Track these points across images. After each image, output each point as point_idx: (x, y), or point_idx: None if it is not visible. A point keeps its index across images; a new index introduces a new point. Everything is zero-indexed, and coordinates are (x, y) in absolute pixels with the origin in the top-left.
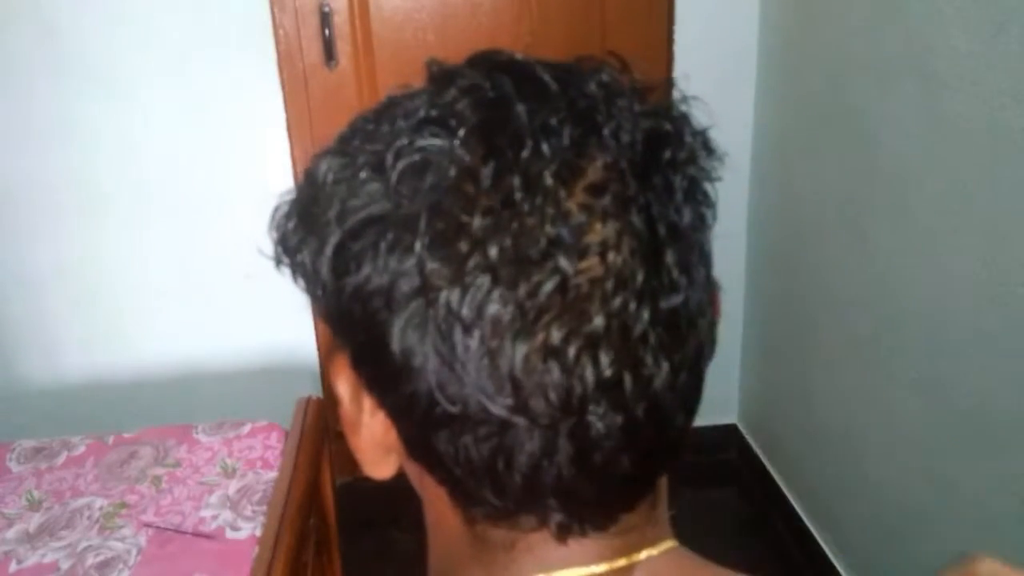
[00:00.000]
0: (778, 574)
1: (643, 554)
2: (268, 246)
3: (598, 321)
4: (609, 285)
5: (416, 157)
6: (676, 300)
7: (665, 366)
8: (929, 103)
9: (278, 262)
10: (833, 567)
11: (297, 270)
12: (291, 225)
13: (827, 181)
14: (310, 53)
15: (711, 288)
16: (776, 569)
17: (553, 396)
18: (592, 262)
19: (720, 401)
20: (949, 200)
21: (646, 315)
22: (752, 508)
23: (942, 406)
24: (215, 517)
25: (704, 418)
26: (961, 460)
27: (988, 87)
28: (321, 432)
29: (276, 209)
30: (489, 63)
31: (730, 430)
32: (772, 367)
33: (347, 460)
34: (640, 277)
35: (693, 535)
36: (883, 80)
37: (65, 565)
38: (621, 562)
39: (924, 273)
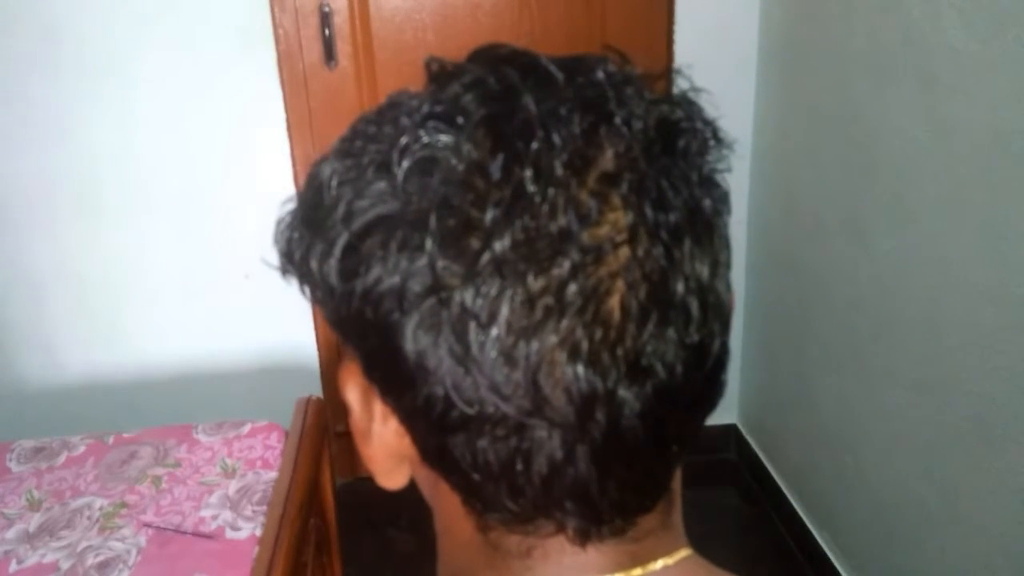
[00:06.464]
0: (778, 574)
1: (659, 563)
2: (269, 246)
3: (616, 314)
4: (627, 276)
5: (423, 154)
6: (697, 288)
7: (687, 359)
8: (929, 103)
9: (284, 272)
10: (833, 567)
11: (304, 278)
12: (296, 233)
13: (827, 181)
14: (310, 53)
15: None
16: (776, 569)
17: (571, 394)
18: (608, 253)
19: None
20: (949, 200)
21: (667, 306)
22: (752, 508)
23: (942, 406)
24: (215, 517)
25: None
26: (961, 460)
27: (988, 87)
28: (321, 432)
29: (279, 221)
30: (491, 56)
31: (730, 430)
32: (772, 367)
33: (347, 460)
34: (659, 267)
35: (693, 535)
36: (883, 80)
37: (65, 565)
38: (636, 571)
39: (924, 273)
